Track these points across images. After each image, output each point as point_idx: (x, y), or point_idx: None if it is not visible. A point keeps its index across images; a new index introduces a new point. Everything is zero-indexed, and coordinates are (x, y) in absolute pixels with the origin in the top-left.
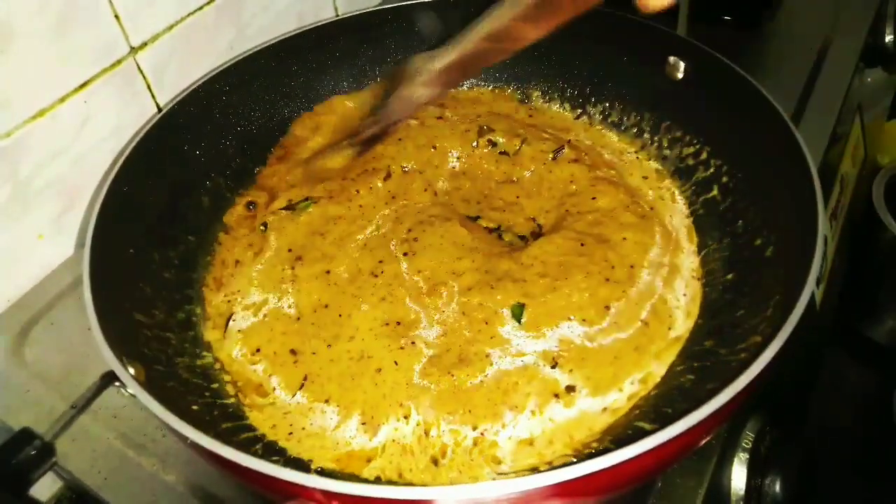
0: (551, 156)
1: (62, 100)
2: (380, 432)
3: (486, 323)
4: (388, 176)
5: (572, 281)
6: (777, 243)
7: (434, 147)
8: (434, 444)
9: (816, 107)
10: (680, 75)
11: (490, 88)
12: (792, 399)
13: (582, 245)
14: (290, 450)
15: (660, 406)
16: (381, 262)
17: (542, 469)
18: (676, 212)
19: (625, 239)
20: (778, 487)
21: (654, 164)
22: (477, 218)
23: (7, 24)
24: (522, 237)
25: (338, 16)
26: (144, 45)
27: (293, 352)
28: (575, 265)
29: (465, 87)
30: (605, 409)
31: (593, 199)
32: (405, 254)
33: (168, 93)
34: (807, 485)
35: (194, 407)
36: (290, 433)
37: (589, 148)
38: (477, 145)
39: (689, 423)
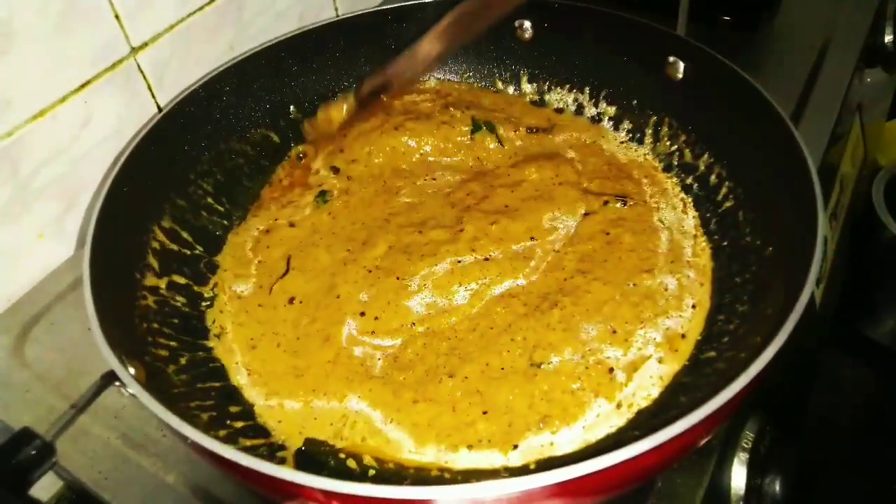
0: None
1: (63, 100)
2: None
3: None
4: None
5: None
6: (777, 243)
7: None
8: None
9: (816, 107)
10: (680, 75)
11: (487, 87)
12: (791, 399)
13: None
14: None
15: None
16: None
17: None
18: None
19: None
20: (777, 487)
21: (653, 164)
22: None
23: (8, 24)
24: None
25: (338, 16)
26: (145, 45)
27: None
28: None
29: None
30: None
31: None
32: None
33: (168, 93)
34: (806, 484)
35: (194, 406)
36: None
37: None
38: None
39: (688, 423)
